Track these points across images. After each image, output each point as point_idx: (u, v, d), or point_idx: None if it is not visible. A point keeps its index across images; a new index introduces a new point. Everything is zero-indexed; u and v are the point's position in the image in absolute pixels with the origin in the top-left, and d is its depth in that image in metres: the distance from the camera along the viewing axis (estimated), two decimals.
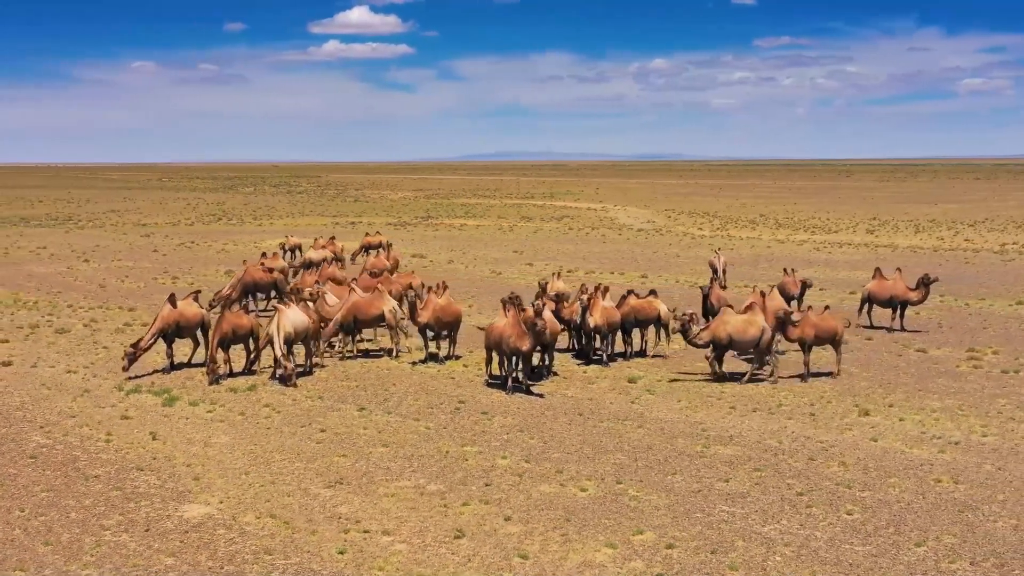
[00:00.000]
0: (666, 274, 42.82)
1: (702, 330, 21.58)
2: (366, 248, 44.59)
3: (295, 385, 21.21)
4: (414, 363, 23.76)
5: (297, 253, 43.50)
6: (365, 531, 13.22)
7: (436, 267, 46.07)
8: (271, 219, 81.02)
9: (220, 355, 21.83)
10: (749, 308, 21.92)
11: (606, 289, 24.27)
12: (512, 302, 21.70)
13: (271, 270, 30.66)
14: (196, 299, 23.63)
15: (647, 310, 24.47)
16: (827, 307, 22.76)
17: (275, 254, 36.66)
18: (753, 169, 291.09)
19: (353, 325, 24.39)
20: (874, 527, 13.40)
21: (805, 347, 21.97)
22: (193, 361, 23.37)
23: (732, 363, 22.82)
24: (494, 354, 21.55)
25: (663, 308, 24.63)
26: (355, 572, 12.02)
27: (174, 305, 22.82)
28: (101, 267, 45.72)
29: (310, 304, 24.12)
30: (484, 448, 16.91)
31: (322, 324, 23.77)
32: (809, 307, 22.77)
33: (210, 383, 21.31)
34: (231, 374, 22.14)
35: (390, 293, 25.19)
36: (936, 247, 55.83)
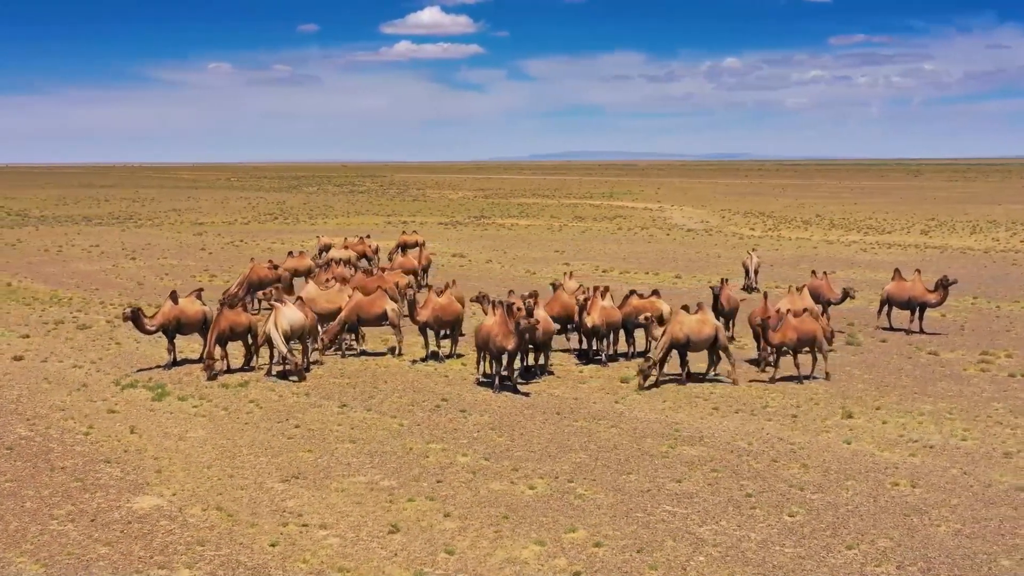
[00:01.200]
0: (701, 274, 42.45)
1: (661, 337, 21.37)
2: (402, 247, 44.84)
3: (304, 379, 21.61)
4: (413, 361, 23.95)
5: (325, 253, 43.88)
6: (304, 525, 13.42)
7: (474, 266, 46.35)
8: (326, 218, 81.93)
9: (217, 351, 22.26)
10: (700, 308, 21.77)
11: (606, 289, 24.23)
12: (480, 301, 21.76)
13: (276, 267, 31.11)
14: (199, 297, 24.04)
15: (649, 310, 24.34)
16: (806, 310, 22.41)
17: (302, 253, 37.17)
18: (823, 169, 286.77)
19: (356, 324, 24.71)
20: (812, 529, 13.23)
21: (791, 351, 21.72)
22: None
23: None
24: (484, 353, 21.67)
25: (665, 308, 24.48)
26: (279, 564, 12.21)
27: (175, 302, 23.28)
28: (145, 265, 46.74)
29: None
30: (449, 445, 17.02)
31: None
32: (788, 310, 22.46)
33: (207, 379, 21.74)
34: (228, 370, 22.55)
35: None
36: (988, 248, 54.54)
